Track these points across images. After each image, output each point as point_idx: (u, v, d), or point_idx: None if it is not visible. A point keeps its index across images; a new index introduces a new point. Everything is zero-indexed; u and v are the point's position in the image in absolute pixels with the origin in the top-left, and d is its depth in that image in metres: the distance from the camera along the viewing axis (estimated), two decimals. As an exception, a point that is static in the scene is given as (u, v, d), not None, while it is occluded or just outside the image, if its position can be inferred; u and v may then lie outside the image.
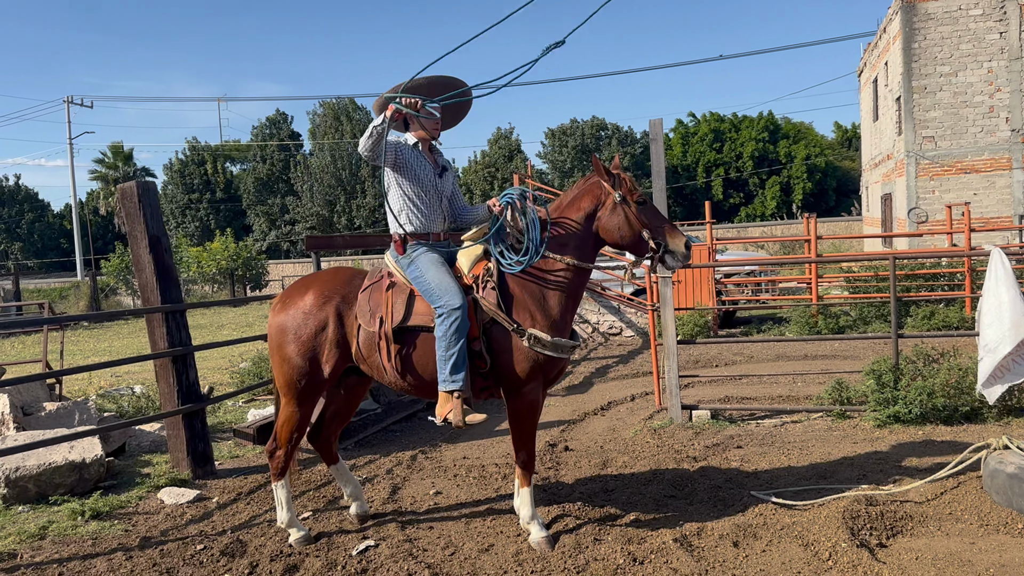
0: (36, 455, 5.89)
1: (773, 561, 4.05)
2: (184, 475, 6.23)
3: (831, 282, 15.45)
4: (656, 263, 4.49)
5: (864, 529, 4.30)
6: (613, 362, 11.28)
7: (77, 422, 7.16)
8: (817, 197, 48.38)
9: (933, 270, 13.12)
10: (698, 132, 50.97)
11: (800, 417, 7.12)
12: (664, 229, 4.41)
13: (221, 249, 33.84)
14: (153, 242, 6.33)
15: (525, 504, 4.54)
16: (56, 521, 5.33)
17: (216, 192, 55.50)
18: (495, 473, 5.93)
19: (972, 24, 19.06)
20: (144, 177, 50.39)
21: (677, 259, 4.42)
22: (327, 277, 4.74)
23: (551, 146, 50.96)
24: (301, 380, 4.55)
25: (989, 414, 6.48)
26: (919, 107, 19.49)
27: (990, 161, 19.18)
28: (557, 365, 4.52)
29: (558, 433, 7.20)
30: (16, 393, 7.19)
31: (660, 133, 6.84)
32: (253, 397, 9.59)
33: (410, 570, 4.21)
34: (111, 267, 33.22)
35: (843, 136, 55.43)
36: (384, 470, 6.25)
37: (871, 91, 25.78)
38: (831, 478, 5.30)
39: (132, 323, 25.51)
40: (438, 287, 4.32)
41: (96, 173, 52.04)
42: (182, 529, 5.15)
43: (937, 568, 3.80)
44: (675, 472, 5.66)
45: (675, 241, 4.38)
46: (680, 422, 7.08)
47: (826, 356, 10.39)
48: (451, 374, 4.25)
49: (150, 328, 6.44)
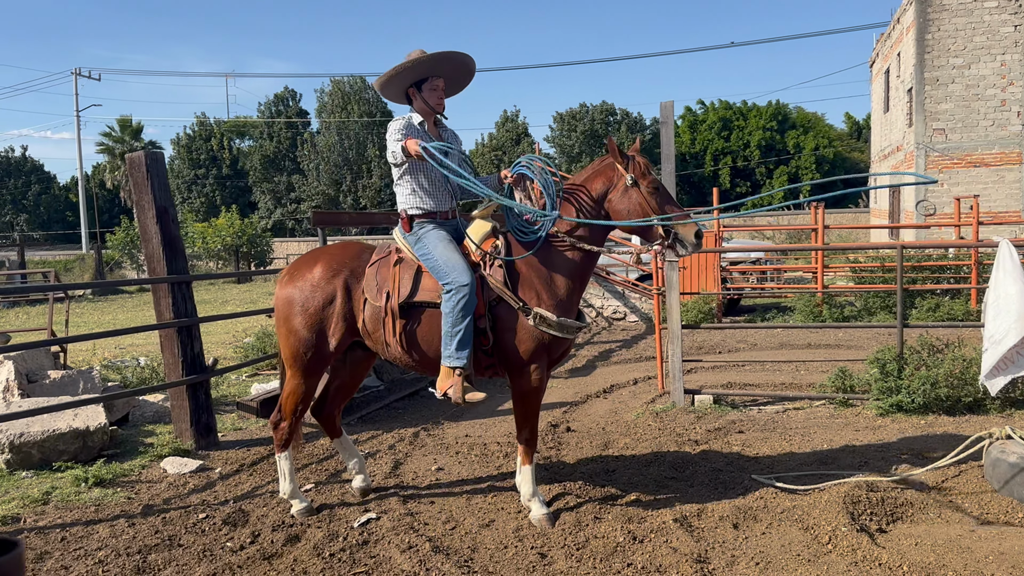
0: (40, 421, 5.92)
1: (773, 543, 4.06)
2: (187, 445, 6.26)
3: (836, 272, 15.42)
4: (665, 250, 4.45)
5: (864, 514, 4.31)
6: (616, 346, 11.29)
7: (81, 391, 7.19)
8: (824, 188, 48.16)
9: (939, 262, 13.09)
10: (706, 120, 50.73)
11: (802, 404, 7.13)
12: (675, 215, 4.35)
13: (226, 225, 33.85)
14: (160, 212, 6.33)
15: (527, 481, 4.56)
16: (59, 487, 5.36)
17: (223, 168, 55.44)
18: (497, 451, 5.95)
19: (987, 16, 18.92)
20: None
21: (686, 247, 4.35)
22: (336, 251, 4.74)
23: (559, 130, 50.74)
24: (307, 353, 4.56)
25: (992, 405, 6.48)
26: (931, 99, 19.38)
27: (1000, 155, 19.09)
28: (562, 345, 4.52)
29: (560, 414, 7.22)
30: (21, 360, 7.23)
31: (671, 116, 6.81)
32: (256, 371, 9.62)
33: (411, 543, 4.24)
34: (116, 240, 33.31)
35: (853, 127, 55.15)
36: (386, 446, 6.27)
37: (883, 82, 25.63)
38: (832, 464, 5.31)
39: (136, 297, 25.58)
40: (446, 264, 4.31)
41: (103, 146, 52.02)
42: (184, 498, 5.19)
43: (936, 554, 3.81)
44: (676, 455, 5.67)
45: (685, 229, 4.31)
46: (682, 406, 7.09)
47: (829, 345, 10.38)
48: (456, 350, 4.25)
49: (156, 298, 6.45)
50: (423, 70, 4.51)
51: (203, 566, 4.07)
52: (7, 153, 62.79)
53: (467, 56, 4.58)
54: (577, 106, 50.76)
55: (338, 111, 50.36)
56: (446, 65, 4.56)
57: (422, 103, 4.57)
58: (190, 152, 55.47)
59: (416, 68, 4.48)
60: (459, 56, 4.55)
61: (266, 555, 4.19)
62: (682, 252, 4.40)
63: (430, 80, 4.55)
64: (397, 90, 4.62)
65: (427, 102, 4.56)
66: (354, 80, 51.05)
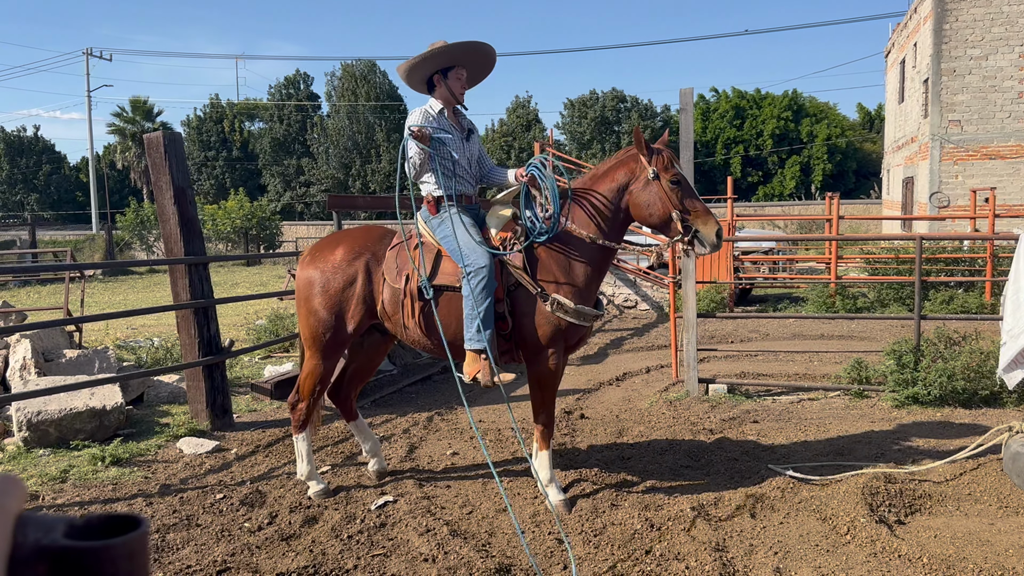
0: (57, 400, 5.95)
1: (791, 533, 4.06)
2: (203, 426, 6.28)
3: (849, 262, 15.36)
4: (685, 247, 4.32)
5: (883, 506, 4.30)
6: (628, 334, 11.28)
7: (97, 370, 7.22)
8: (836, 179, 47.91)
9: (954, 255, 13.01)
10: (718, 108, 50.44)
11: (817, 395, 7.11)
12: (696, 212, 4.24)
13: (236, 208, 33.85)
14: (178, 193, 6.32)
15: (543, 467, 4.55)
16: (77, 466, 5.39)
17: (232, 151, 55.42)
18: (511, 437, 5.95)
19: (1005, 7, 18.71)
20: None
21: (705, 246, 4.25)
22: (358, 234, 4.74)
23: (570, 117, 50.53)
24: (326, 334, 4.56)
25: (1008, 399, 6.45)
26: (947, 90, 19.21)
27: (1016, 147, 18.93)
28: (579, 332, 4.51)
29: (573, 401, 7.21)
30: (38, 339, 7.25)
31: (690, 103, 6.76)
32: (269, 354, 9.65)
33: (428, 526, 4.25)
34: (126, 221, 33.34)
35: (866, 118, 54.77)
36: (401, 430, 6.28)
37: (898, 72, 25.42)
38: (848, 455, 5.30)
39: (147, 278, 25.65)
40: (466, 246, 4.31)
41: (114, 127, 51.99)
42: (201, 478, 5.21)
43: (956, 547, 3.80)
44: (691, 443, 5.67)
45: (706, 227, 4.21)
46: (696, 395, 7.08)
47: (842, 336, 10.35)
48: (478, 332, 4.24)
49: (172, 279, 6.46)
50: (449, 59, 4.52)
51: (221, 546, 4.09)
52: (19, 133, 62.86)
53: (491, 48, 4.60)
54: (588, 93, 50.53)
55: (348, 95, 50.26)
56: (472, 55, 4.57)
57: (446, 91, 4.57)
58: (200, 134, 55.45)
59: (445, 55, 4.49)
60: (484, 47, 4.58)
61: (284, 536, 4.20)
62: (701, 251, 4.31)
63: (456, 69, 4.56)
64: (420, 77, 4.62)
65: (451, 90, 4.56)
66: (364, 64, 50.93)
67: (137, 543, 0.57)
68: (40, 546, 0.55)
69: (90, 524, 0.59)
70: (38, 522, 0.57)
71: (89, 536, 0.57)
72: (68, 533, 0.57)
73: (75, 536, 0.57)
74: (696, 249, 4.31)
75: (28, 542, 0.55)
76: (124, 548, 0.56)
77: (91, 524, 0.59)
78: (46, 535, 0.56)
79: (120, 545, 0.56)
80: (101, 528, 0.59)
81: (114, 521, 0.59)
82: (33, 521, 0.57)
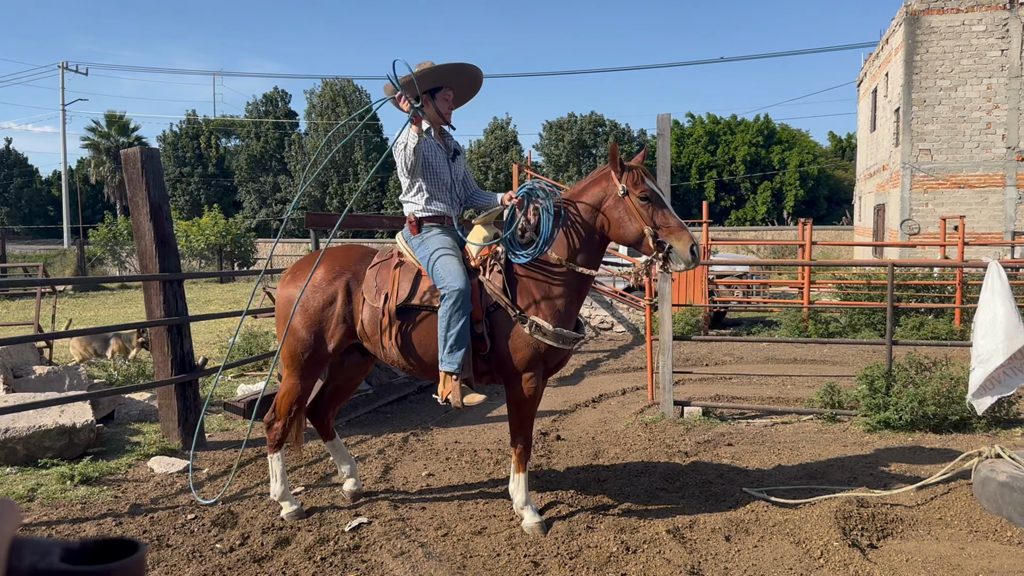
0: (26, 417, 5.85)
1: (765, 556, 4.08)
2: (175, 445, 6.20)
3: (822, 287, 15.54)
4: (658, 262, 4.24)
5: (856, 529, 4.34)
6: (604, 356, 11.31)
7: (67, 387, 7.11)
8: (808, 205, 48.56)
9: (925, 281, 13.22)
10: (693, 133, 51.03)
11: (790, 419, 7.17)
12: (669, 228, 4.17)
13: (211, 224, 33.57)
14: (154, 209, 6.27)
15: (520, 489, 4.54)
16: (45, 484, 5.29)
17: (208, 167, 55.09)
18: (487, 458, 5.93)
19: (975, 40, 19.18)
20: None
21: (679, 262, 4.17)
22: (339, 253, 4.73)
23: (548, 139, 50.85)
24: (305, 353, 4.54)
25: (978, 424, 6.55)
26: (917, 120, 19.61)
27: (984, 177, 19.33)
28: (559, 355, 4.51)
29: (549, 423, 7.21)
30: (7, 355, 7.14)
31: (667, 128, 6.84)
32: (242, 372, 9.56)
33: (403, 548, 4.22)
34: (99, 236, 32.92)
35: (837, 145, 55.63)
36: (376, 450, 6.24)
37: (870, 101, 25.90)
38: (821, 479, 5.34)
39: (118, 294, 25.31)
40: (443, 268, 4.31)
41: (88, 141, 51.52)
42: (172, 498, 5.14)
43: (927, 571, 3.84)
44: (667, 466, 5.69)
45: (679, 243, 4.13)
46: (672, 417, 7.11)
47: (815, 360, 10.45)
48: (449, 354, 4.23)
49: (147, 296, 6.39)
50: (438, 79, 4.53)
51: (193, 567, 4.03)
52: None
53: (479, 70, 4.62)
54: (566, 115, 50.92)
55: (327, 113, 50.22)
56: (460, 76, 4.59)
57: (434, 111, 4.58)
58: (176, 149, 55.09)
59: (434, 76, 4.49)
60: (472, 69, 4.60)
61: (256, 557, 4.15)
62: (677, 268, 4.24)
63: (443, 90, 4.57)
64: (410, 96, 4.62)
65: (439, 110, 4.57)
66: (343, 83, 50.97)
67: (135, 567, 0.57)
68: (36, 570, 0.55)
69: (86, 547, 0.59)
70: (34, 545, 0.57)
71: (85, 560, 0.57)
72: (64, 557, 0.57)
73: (71, 560, 0.56)
74: (672, 266, 4.23)
75: (24, 566, 0.55)
76: (123, 573, 0.56)
77: (87, 548, 0.59)
78: (42, 559, 0.56)
79: (119, 570, 0.56)
80: (97, 552, 0.58)
81: (110, 545, 0.59)
82: (29, 544, 0.56)
